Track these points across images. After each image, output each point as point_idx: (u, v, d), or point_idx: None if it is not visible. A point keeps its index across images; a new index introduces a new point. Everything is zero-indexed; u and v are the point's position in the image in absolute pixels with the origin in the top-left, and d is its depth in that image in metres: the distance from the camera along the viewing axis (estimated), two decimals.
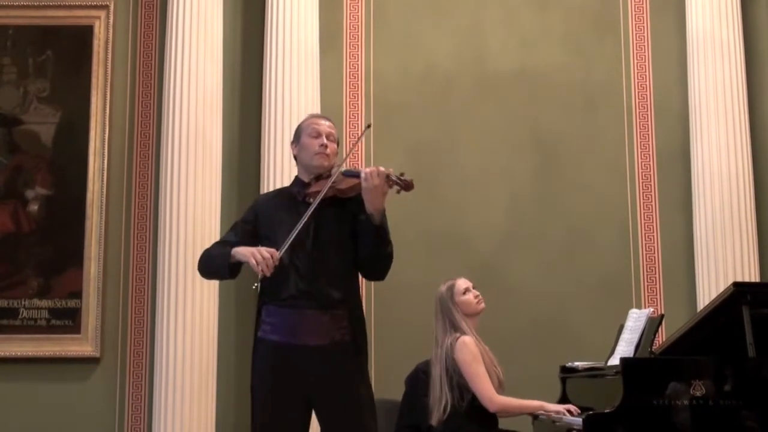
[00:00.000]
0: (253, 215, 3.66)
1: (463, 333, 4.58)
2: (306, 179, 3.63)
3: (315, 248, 3.49)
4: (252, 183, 6.37)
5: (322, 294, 3.46)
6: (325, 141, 3.61)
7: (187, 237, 5.97)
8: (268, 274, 3.35)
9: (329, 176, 3.53)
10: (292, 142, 3.72)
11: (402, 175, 3.44)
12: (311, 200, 3.49)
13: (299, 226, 3.41)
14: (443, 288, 4.72)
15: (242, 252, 3.46)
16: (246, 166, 6.47)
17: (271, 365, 3.47)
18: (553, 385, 5.05)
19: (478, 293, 4.72)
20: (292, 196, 3.62)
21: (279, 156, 6.12)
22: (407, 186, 3.43)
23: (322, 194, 3.46)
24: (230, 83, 6.50)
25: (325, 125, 3.66)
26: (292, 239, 3.40)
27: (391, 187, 3.45)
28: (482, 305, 4.72)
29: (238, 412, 6.13)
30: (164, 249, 6.02)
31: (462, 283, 4.72)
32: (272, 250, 3.38)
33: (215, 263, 3.59)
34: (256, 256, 3.36)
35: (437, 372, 4.55)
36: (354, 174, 3.52)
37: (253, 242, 3.55)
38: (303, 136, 3.66)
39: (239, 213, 3.77)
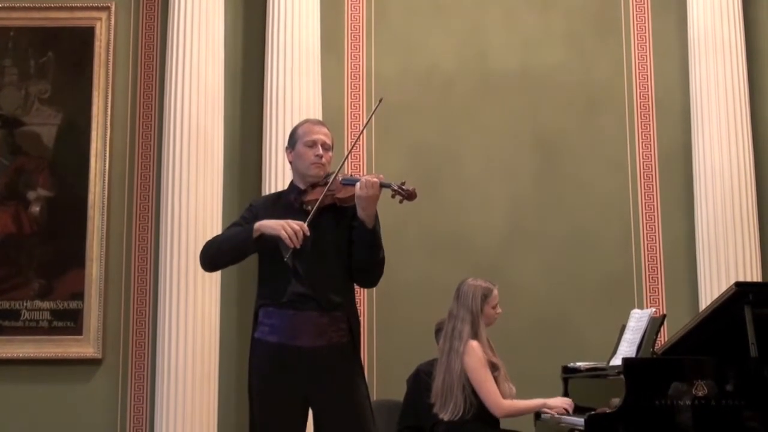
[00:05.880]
0: (252, 216, 3.63)
1: (475, 338, 4.58)
2: (302, 186, 3.62)
3: (314, 253, 3.48)
4: (253, 184, 6.37)
5: (322, 297, 3.46)
6: (320, 151, 3.58)
7: (188, 238, 5.97)
8: (298, 246, 3.34)
9: (326, 183, 3.52)
10: (287, 148, 3.70)
11: (403, 184, 3.40)
12: (309, 208, 3.49)
13: (308, 219, 3.41)
14: (482, 285, 4.67)
15: (270, 225, 3.40)
16: (247, 166, 6.47)
17: (270, 366, 3.47)
18: (554, 385, 5.04)
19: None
20: (290, 204, 3.60)
21: (280, 157, 6.11)
22: (410, 195, 3.39)
23: (319, 203, 3.46)
24: (231, 84, 6.50)
25: (320, 133, 3.63)
26: (309, 219, 3.40)
27: (393, 197, 3.43)
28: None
29: (239, 413, 6.13)
30: (166, 250, 6.02)
31: (497, 294, 4.70)
32: (300, 222, 3.37)
33: (236, 240, 3.52)
34: (287, 229, 3.33)
35: (457, 367, 4.51)
36: (352, 182, 3.49)
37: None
38: (298, 144, 3.63)
39: (241, 214, 3.76)
